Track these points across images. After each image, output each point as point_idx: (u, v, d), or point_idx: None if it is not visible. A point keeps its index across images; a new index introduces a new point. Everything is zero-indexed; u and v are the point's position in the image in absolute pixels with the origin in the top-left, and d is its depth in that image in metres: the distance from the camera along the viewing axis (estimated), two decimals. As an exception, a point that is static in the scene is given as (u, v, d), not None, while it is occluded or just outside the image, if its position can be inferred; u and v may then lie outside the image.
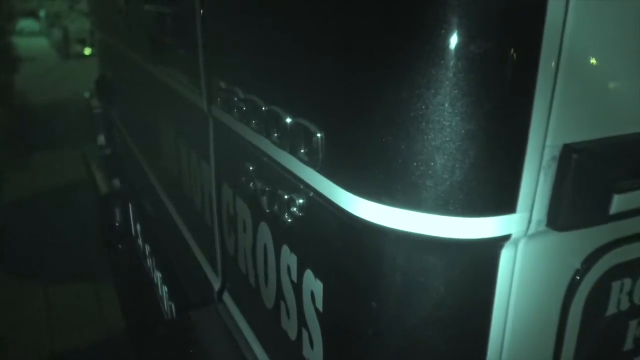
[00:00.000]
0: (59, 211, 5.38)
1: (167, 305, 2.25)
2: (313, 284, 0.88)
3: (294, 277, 0.96)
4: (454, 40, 0.58)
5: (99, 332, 3.66)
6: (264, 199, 1.04)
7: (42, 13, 17.73)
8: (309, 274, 0.90)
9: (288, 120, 0.86)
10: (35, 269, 4.40)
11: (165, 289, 2.27)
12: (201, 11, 1.26)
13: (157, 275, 2.53)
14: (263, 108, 0.95)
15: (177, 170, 1.80)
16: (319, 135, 0.77)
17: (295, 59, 0.85)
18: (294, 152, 0.85)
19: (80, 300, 4.00)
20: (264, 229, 1.09)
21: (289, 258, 0.97)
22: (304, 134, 0.81)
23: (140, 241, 3.03)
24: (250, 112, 1.02)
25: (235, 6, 1.13)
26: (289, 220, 0.94)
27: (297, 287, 0.95)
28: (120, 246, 3.21)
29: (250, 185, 1.11)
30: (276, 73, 0.93)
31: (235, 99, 1.09)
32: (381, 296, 0.72)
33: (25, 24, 17.97)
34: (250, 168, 1.11)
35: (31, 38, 17.28)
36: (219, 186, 1.36)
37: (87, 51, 13.53)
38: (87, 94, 3.59)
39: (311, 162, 0.80)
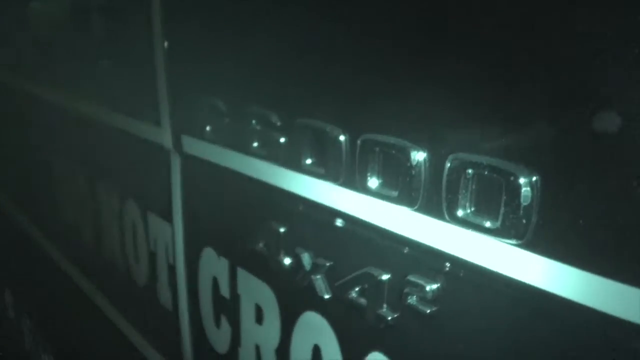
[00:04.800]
0: None
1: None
2: None
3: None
4: None
5: None
6: (320, 280, 0.66)
7: None
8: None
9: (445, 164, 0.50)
10: None
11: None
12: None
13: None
14: (341, 137, 0.58)
15: (94, 230, 1.30)
16: (534, 179, 0.42)
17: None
18: (451, 214, 0.49)
19: None
20: (314, 321, 0.70)
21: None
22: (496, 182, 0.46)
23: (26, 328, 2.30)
24: (300, 141, 0.64)
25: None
26: (392, 317, 0.57)
27: None
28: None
29: (280, 256, 0.72)
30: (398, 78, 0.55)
31: (254, 123, 0.70)
32: None
33: None
34: (281, 230, 0.72)
35: None
36: (194, 252, 0.93)
37: None
38: None
39: (511, 230, 0.44)
